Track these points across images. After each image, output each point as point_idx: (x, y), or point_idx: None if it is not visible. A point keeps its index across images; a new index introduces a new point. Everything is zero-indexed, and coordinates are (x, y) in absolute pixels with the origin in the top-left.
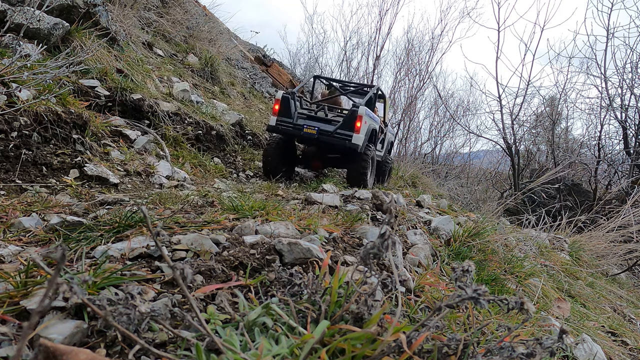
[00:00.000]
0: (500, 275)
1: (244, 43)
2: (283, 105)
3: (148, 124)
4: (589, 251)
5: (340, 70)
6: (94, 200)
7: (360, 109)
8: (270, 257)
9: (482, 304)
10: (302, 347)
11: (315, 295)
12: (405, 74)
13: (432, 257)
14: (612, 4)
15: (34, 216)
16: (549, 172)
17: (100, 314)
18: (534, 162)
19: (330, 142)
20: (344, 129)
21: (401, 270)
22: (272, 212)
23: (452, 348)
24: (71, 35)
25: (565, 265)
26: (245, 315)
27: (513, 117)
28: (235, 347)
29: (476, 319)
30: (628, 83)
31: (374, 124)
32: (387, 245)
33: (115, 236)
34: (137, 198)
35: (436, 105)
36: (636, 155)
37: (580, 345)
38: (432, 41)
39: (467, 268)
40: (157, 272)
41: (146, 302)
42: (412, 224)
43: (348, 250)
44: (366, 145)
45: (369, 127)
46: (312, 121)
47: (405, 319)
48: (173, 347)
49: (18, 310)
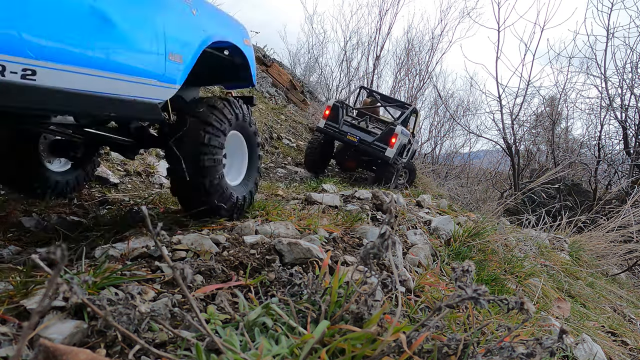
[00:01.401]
0: (500, 275)
1: None
2: (333, 112)
3: None
4: (589, 251)
5: (340, 71)
6: (94, 200)
7: (397, 128)
8: (270, 257)
9: (482, 304)
10: (302, 347)
11: (315, 295)
12: (405, 74)
13: (432, 257)
14: (612, 4)
15: (34, 216)
16: (549, 172)
17: (100, 314)
18: (534, 162)
19: (367, 151)
20: (381, 142)
21: (401, 270)
22: (272, 212)
23: (452, 348)
24: None
25: (565, 265)
26: (245, 315)
27: (513, 117)
28: (235, 347)
29: (476, 319)
30: (628, 83)
31: (404, 140)
32: (387, 245)
33: (115, 236)
34: (137, 198)
35: (436, 105)
36: (636, 155)
37: (580, 345)
38: (432, 41)
39: (467, 268)
40: (157, 272)
41: (146, 302)
42: (412, 224)
43: (348, 250)
44: (395, 157)
45: (400, 143)
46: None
47: (405, 319)
48: (173, 347)
49: (18, 311)
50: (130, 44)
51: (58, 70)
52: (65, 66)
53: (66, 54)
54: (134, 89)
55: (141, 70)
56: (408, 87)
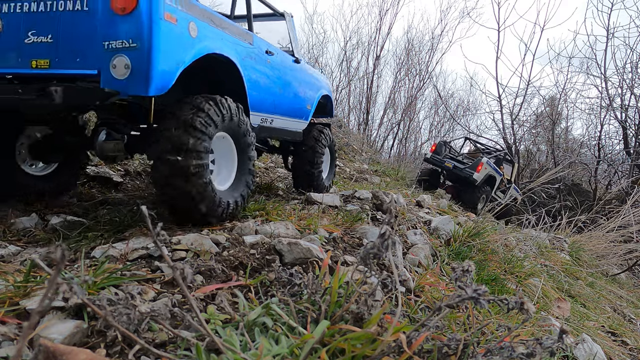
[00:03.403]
0: (500, 275)
1: None
2: (438, 147)
3: None
4: (589, 251)
5: (340, 71)
6: (94, 200)
7: (483, 159)
8: (270, 257)
9: (482, 304)
10: (302, 347)
11: (315, 295)
12: (405, 74)
13: (432, 257)
14: (612, 4)
15: (34, 216)
16: (549, 172)
17: (101, 313)
18: (534, 162)
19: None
20: (470, 168)
21: (401, 270)
22: (272, 212)
23: (452, 348)
24: None
25: (565, 265)
26: (245, 315)
27: (513, 117)
28: (236, 347)
29: (476, 319)
30: (628, 83)
31: (493, 173)
32: (387, 245)
33: (115, 236)
34: (137, 198)
35: (436, 105)
36: (636, 155)
37: (580, 345)
38: (432, 41)
39: (467, 268)
40: (157, 272)
41: (146, 302)
42: (412, 224)
43: (348, 250)
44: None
45: (487, 173)
46: (452, 160)
47: (405, 319)
48: (173, 347)
49: (18, 311)
50: (300, 105)
51: (278, 119)
52: (281, 117)
53: (282, 112)
54: (297, 125)
55: (300, 116)
56: (408, 87)
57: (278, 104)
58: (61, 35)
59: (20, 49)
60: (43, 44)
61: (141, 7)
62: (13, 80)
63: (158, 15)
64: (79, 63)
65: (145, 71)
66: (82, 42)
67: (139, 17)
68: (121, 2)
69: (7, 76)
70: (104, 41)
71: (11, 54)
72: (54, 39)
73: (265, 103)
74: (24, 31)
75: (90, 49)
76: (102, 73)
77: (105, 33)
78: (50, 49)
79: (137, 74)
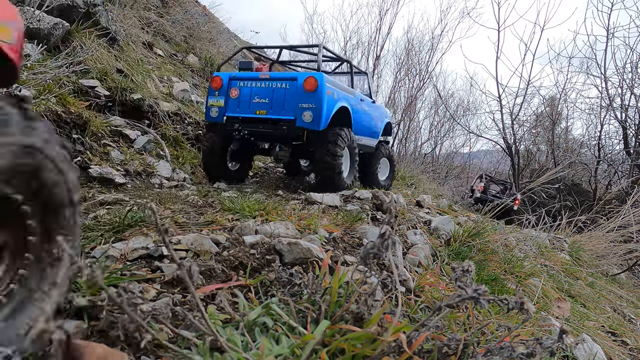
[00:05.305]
0: (500, 275)
1: (244, 43)
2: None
3: (148, 123)
4: (589, 251)
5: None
6: (94, 200)
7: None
8: (270, 257)
9: (482, 304)
10: (302, 347)
11: (315, 295)
12: (405, 73)
13: (432, 257)
14: (612, 4)
15: None
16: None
17: (118, 302)
18: (534, 162)
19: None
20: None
21: (401, 270)
22: (272, 212)
23: (452, 348)
24: (71, 35)
25: (565, 265)
26: (245, 315)
27: (513, 117)
28: (238, 347)
29: (476, 319)
30: (628, 83)
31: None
32: (387, 245)
33: (115, 236)
34: (137, 198)
35: (436, 105)
36: (636, 155)
37: (580, 345)
38: (432, 41)
39: (467, 268)
40: (157, 272)
41: (147, 302)
42: (412, 224)
43: (348, 250)
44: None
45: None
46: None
47: (405, 319)
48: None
49: None
50: (375, 129)
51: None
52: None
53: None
54: (373, 142)
55: (375, 136)
56: (408, 87)
57: (364, 129)
58: (274, 100)
59: (249, 106)
60: (262, 103)
61: (319, 89)
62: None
63: (325, 92)
64: (283, 113)
65: (319, 118)
66: (286, 103)
67: (318, 94)
68: (308, 86)
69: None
70: (298, 103)
71: (244, 107)
72: (269, 101)
73: (359, 129)
74: (253, 96)
75: (290, 106)
76: (297, 119)
77: (300, 99)
78: (267, 106)
79: (316, 120)
